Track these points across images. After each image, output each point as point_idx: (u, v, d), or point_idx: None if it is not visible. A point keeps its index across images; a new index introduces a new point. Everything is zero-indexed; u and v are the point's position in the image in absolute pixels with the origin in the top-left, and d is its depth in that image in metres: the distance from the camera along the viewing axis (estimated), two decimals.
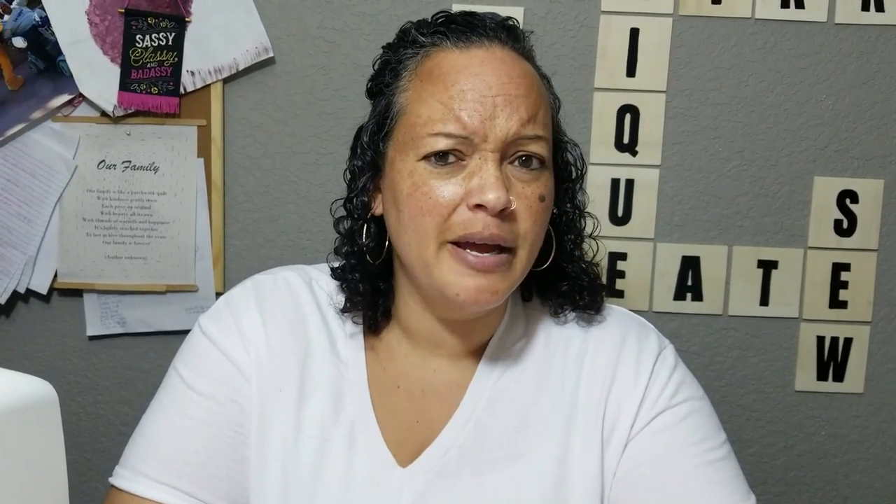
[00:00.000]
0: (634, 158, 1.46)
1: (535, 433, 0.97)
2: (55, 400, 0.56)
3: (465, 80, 0.91)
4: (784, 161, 1.47)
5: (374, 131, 0.97)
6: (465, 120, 0.90)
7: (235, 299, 1.03)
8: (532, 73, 0.96)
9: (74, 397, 1.51)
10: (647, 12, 1.43)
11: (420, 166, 0.91)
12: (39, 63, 1.41)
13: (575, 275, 1.03)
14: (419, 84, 0.94)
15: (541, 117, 0.93)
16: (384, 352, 1.02)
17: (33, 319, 1.50)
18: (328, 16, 1.44)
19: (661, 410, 0.98)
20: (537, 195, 0.93)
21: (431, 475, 0.95)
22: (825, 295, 1.49)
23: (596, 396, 0.99)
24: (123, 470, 0.97)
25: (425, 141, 0.91)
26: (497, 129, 0.90)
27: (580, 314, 1.03)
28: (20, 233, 1.45)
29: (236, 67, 1.43)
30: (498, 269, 0.91)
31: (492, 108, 0.90)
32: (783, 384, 1.52)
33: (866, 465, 1.54)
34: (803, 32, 1.44)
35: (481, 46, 0.94)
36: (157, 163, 1.45)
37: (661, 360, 1.01)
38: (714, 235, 1.49)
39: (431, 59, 0.95)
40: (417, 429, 0.98)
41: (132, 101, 1.42)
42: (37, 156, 1.43)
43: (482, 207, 0.89)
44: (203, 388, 0.98)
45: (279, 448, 0.97)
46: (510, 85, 0.91)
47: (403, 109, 0.94)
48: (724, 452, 0.98)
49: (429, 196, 0.90)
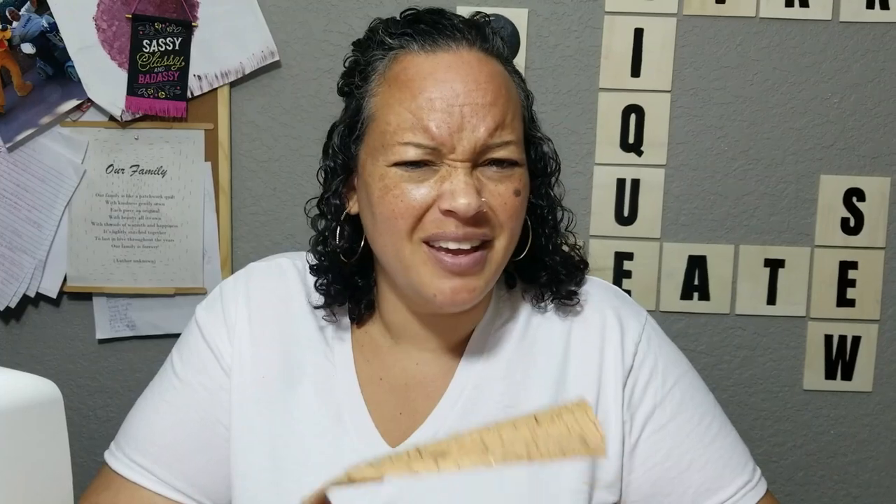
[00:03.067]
0: (640, 158, 1.47)
1: (522, 415, 0.98)
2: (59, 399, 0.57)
3: (431, 88, 0.91)
4: (790, 160, 1.47)
5: (346, 134, 0.98)
6: (433, 131, 0.89)
7: (227, 288, 1.06)
8: (500, 73, 0.95)
9: (84, 400, 1.52)
10: (651, 12, 1.43)
11: (391, 171, 0.91)
12: (48, 69, 1.42)
13: (552, 266, 1.03)
14: (387, 89, 0.94)
15: (509, 121, 0.93)
16: (368, 344, 1.03)
17: (43, 323, 1.51)
18: (333, 19, 1.44)
19: (660, 401, 0.99)
20: (511, 190, 0.93)
21: None
22: (833, 293, 1.49)
23: (584, 379, 0.99)
24: (112, 444, 1.06)
25: (395, 149, 0.91)
26: (465, 141, 0.90)
27: (558, 303, 1.04)
28: (30, 237, 1.46)
29: (243, 71, 1.44)
30: (474, 268, 0.92)
31: (459, 118, 0.90)
32: (791, 383, 1.51)
33: (876, 464, 1.53)
34: (808, 31, 1.44)
35: (448, 50, 0.93)
36: (165, 167, 1.46)
37: (646, 342, 1.01)
38: (720, 235, 1.48)
39: (399, 62, 0.94)
40: (401, 420, 0.98)
41: (140, 105, 1.43)
42: (46, 161, 1.44)
43: (453, 213, 0.89)
44: (183, 375, 1.03)
45: (266, 433, 0.99)
46: (477, 92, 0.91)
47: (373, 115, 0.94)
48: (720, 417, 1.03)
49: (400, 199, 0.91)
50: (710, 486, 0.98)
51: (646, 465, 0.99)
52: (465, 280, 0.91)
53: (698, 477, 0.98)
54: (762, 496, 1.00)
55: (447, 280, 0.91)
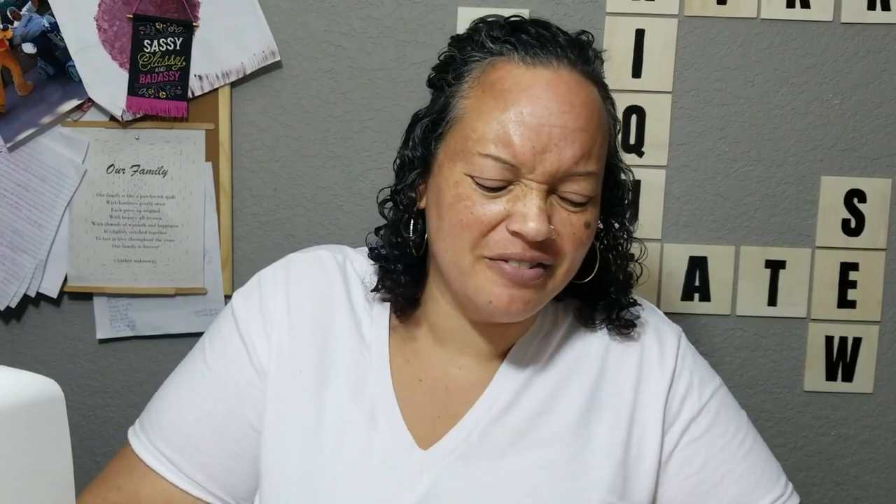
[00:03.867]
0: (641, 159, 1.47)
1: (556, 423, 0.98)
2: (61, 398, 0.57)
3: (525, 102, 0.89)
4: (791, 161, 1.47)
5: (429, 129, 0.96)
6: (516, 147, 0.88)
7: (266, 279, 1.04)
8: (596, 100, 0.94)
9: (84, 400, 1.52)
10: (653, 13, 1.43)
11: (467, 181, 0.90)
12: (49, 69, 1.42)
13: (615, 297, 1.02)
14: (480, 94, 0.92)
15: (595, 151, 0.91)
16: (410, 343, 1.02)
17: (44, 323, 1.51)
18: (335, 20, 1.44)
19: (696, 414, 1.00)
20: (582, 223, 0.92)
21: (451, 458, 0.96)
22: (833, 295, 1.49)
23: (621, 395, 1.00)
24: (137, 423, 1.05)
25: (475, 159, 0.89)
26: (547, 164, 0.88)
27: (613, 329, 1.04)
28: (30, 237, 1.46)
29: (244, 71, 1.44)
30: (533, 282, 0.91)
31: (547, 138, 0.88)
32: (792, 384, 1.51)
33: (877, 466, 1.53)
34: (809, 32, 1.44)
35: (548, 66, 0.91)
36: (166, 167, 1.46)
37: (682, 359, 1.03)
38: (721, 236, 1.48)
39: (497, 69, 0.92)
40: (438, 423, 0.98)
41: (141, 105, 1.43)
42: (46, 160, 1.44)
43: (521, 235, 0.88)
44: (213, 365, 1.02)
45: (298, 429, 0.98)
46: (570, 115, 0.89)
47: (460, 117, 0.93)
48: (752, 432, 1.04)
49: (471, 210, 0.89)
50: (743, 499, 1.00)
51: (679, 477, 0.99)
52: (522, 291, 0.91)
53: (731, 490, 1.00)
54: None
55: (505, 288, 0.91)
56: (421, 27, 1.43)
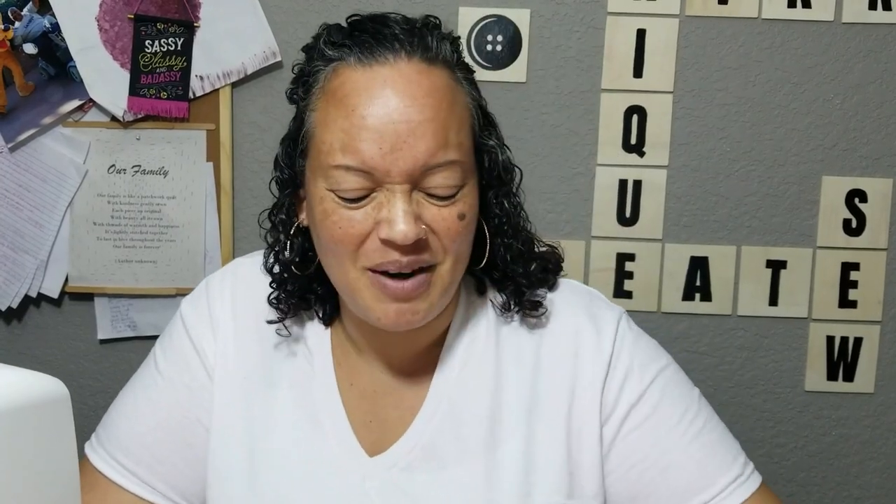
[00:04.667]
0: (642, 159, 1.47)
1: (499, 428, 0.95)
2: (66, 396, 0.57)
3: (365, 105, 0.85)
4: (792, 161, 1.47)
5: (290, 147, 0.94)
6: (364, 154, 0.85)
7: (213, 284, 1.03)
8: (444, 86, 0.89)
9: (85, 401, 1.52)
10: (654, 13, 1.43)
11: (329, 196, 0.88)
12: (50, 69, 1.42)
13: (514, 277, 0.98)
14: (325, 105, 0.89)
15: (452, 138, 0.87)
16: (339, 347, 1.00)
17: (45, 323, 1.51)
18: (335, 20, 1.43)
19: (636, 401, 0.95)
20: (455, 215, 0.88)
21: (395, 470, 0.94)
22: (835, 295, 1.49)
23: (559, 387, 0.96)
24: (94, 437, 1.04)
25: (330, 172, 0.87)
26: (400, 163, 0.85)
27: (523, 315, 0.99)
28: (32, 237, 1.46)
29: (244, 72, 1.44)
30: (417, 292, 0.88)
31: (393, 138, 0.84)
32: (793, 384, 1.51)
33: (877, 466, 1.53)
34: (810, 32, 1.44)
35: (385, 63, 0.87)
36: (167, 167, 1.46)
37: (620, 341, 0.97)
38: (722, 236, 1.48)
39: (337, 76, 0.89)
40: (372, 427, 0.97)
41: (142, 105, 1.43)
42: (48, 161, 1.44)
43: (391, 242, 0.86)
44: (165, 371, 1.01)
45: (244, 433, 0.97)
46: (413, 108, 0.85)
47: (312, 132, 0.90)
48: (704, 413, 0.97)
49: (338, 226, 0.87)
50: (695, 484, 0.94)
51: (623, 468, 0.95)
52: (410, 304, 0.89)
53: (680, 476, 0.94)
54: (755, 490, 0.95)
55: (391, 303, 0.88)
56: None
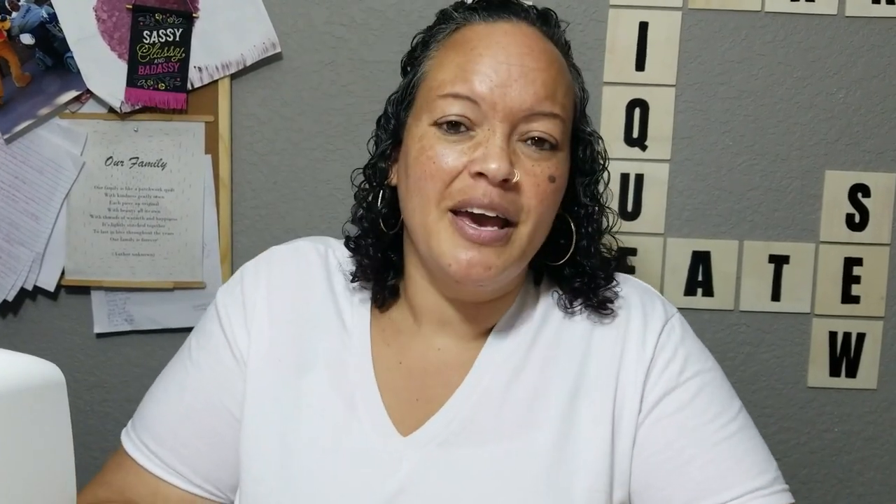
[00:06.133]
0: (644, 153, 1.46)
1: (540, 408, 0.96)
2: (62, 381, 0.56)
3: (484, 47, 0.91)
4: (795, 155, 1.46)
5: (398, 101, 0.99)
6: (475, 83, 0.90)
7: (248, 272, 1.07)
8: (556, 54, 0.96)
9: (82, 395, 1.50)
10: (656, 6, 1.42)
11: (430, 131, 0.92)
12: (47, 60, 1.41)
13: (591, 272, 1.00)
14: (443, 52, 0.95)
15: (559, 97, 0.92)
16: (389, 327, 1.02)
17: (41, 317, 1.49)
18: (336, 11, 1.43)
19: (671, 389, 0.96)
20: (547, 175, 0.91)
21: (432, 446, 0.94)
22: (837, 290, 1.48)
23: (605, 374, 0.97)
24: (130, 422, 1.07)
25: (437, 104, 0.91)
26: (507, 99, 0.89)
27: (591, 311, 1.01)
28: (28, 230, 1.44)
29: (244, 63, 1.43)
30: (495, 243, 0.90)
31: (506, 75, 0.89)
32: (795, 380, 1.51)
33: (881, 462, 1.52)
34: (813, 25, 1.43)
35: (509, 21, 0.95)
36: (165, 159, 1.44)
37: (667, 334, 0.99)
38: (725, 230, 1.47)
39: (460, 32, 0.96)
40: (417, 406, 0.97)
41: (139, 97, 1.41)
42: (44, 153, 1.43)
43: (483, 176, 0.88)
44: (197, 359, 1.04)
45: (278, 418, 0.98)
46: (529, 56, 0.91)
47: (424, 76, 0.96)
48: (741, 422, 0.97)
49: (433, 160, 0.90)
50: (711, 485, 0.93)
51: (645, 453, 0.95)
52: (482, 254, 0.90)
53: (698, 474, 0.93)
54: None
55: (465, 251, 0.90)
56: (423, 19, 1.42)
